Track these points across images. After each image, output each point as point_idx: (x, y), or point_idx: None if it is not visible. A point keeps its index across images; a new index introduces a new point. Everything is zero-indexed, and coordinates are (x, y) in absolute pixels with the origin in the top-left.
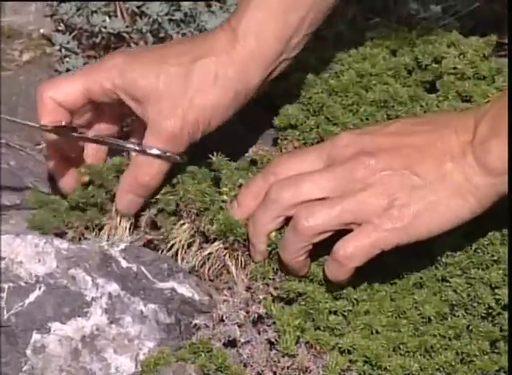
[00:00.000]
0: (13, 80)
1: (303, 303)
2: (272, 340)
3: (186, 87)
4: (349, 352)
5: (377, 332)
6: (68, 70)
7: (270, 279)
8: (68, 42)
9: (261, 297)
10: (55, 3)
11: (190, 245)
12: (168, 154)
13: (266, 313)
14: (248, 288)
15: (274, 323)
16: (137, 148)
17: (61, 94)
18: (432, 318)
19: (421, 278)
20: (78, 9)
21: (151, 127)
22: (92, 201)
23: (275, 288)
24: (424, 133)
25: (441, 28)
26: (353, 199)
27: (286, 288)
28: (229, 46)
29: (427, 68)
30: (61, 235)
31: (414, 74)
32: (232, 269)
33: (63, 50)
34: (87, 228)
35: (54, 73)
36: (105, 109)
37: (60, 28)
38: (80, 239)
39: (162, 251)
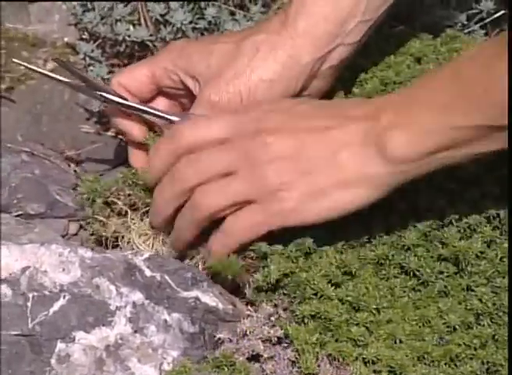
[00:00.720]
0: (37, 89)
1: (320, 320)
2: (293, 359)
3: (234, 61)
4: (373, 363)
5: (401, 341)
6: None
7: (276, 300)
8: (92, 51)
9: (273, 319)
10: (79, 12)
11: None
12: None
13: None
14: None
15: (292, 342)
16: (180, 117)
17: (128, 80)
18: (457, 327)
19: (445, 287)
20: (102, 18)
21: (197, 99)
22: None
23: (284, 309)
24: (325, 118)
25: (466, 36)
26: (246, 180)
27: (299, 311)
28: (280, 26)
29: None
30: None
31: None
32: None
33: (87, 58)
34: (131, 206)
35: None
36: (169, 96)
37: (84, 37)
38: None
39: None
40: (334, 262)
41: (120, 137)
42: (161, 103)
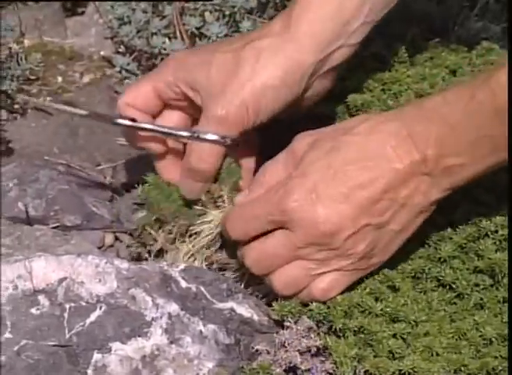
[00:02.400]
0: (74, 102)
1: (361, 335)
2: (331, 371)
3: (235, 71)
4: None
5: (437, 354)
6: None
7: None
8: (128, 64)
9: (313, 331)
10: (115, 25)
11: None
12: (216, 138)
13: (323, 345)
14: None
15: (330, 354)
16: (189, 134)
17: (133, 98)
18: (494, 339)
19: (481, 299)
20: (138, 31)
21: (203, 113)
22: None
23: (323, 323)
24: (368, 169)
25: (501, 48)
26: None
27: (342, 325)
28: (282, 29)
29: None
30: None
31: None
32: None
33: (123, 71)
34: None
35: (114, 94)
36: (175, 108)
37: (120, 50)
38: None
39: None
40: (377, 277)
41: None
42: (171, 116)
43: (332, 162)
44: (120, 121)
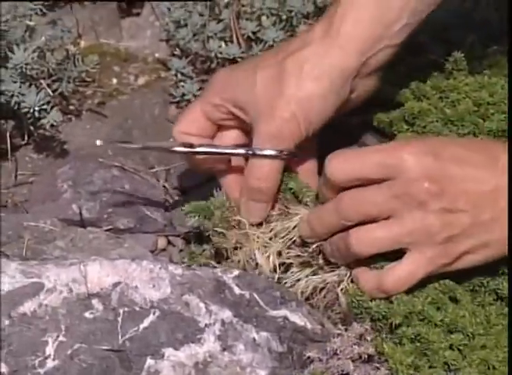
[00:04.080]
0: (128, 104)
1: (418, 343)
2: None
3: (281, 86)
4: None
5: (494, 368)
6: (183, 95)
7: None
8: (183, 67)
9: (369, 338)
10: (171, 28)
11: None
12: (274, 152)
13: (378, 351)
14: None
15: (386, 360)
16: (246, 151)
17: (186, 126)
18: None
19: None
20: (194, 35)
21: (255, 132)
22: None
23: (375, 330)
24: (481, 168)
25: None
26: (411, 225)
27: (399, 334)
28: (323, 34)
29: None
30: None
31: None
32: (344, 302)
33: (179, 75)
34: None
35: (168, 97)
36: (229, 127)
37: (176, 53)
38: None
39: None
40: (438, 287)
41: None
42: (227, 135)
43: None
44: (177, 149)
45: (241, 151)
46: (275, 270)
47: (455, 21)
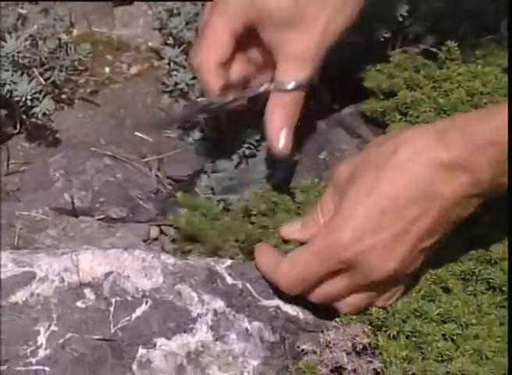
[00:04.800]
0: (121, 93)
1: (412, 338)
2: (379, 370)
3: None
4: None
5: (486, 357)
6: (176, 84)
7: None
8: (176, 56)
9: (366, 329)
10: (164, 17)
11: None
12: (299, 82)
13: (370, 343)
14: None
15: (380, 353)
16: (271, 86)
17: (218, 53)
18: None
19: None
20: (187, 23)
21: (282, 54)
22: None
23: (370, 323)
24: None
25: None
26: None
27: (395, 328)
28: None
29: None
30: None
31: None
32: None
33: (172, 64)
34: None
35: (161, 86)
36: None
37: (169, 42)
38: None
39: None
40: (430, 278)
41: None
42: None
43: (378, 202)
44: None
45: (265, 86)
46: None
47: (448, 11)
